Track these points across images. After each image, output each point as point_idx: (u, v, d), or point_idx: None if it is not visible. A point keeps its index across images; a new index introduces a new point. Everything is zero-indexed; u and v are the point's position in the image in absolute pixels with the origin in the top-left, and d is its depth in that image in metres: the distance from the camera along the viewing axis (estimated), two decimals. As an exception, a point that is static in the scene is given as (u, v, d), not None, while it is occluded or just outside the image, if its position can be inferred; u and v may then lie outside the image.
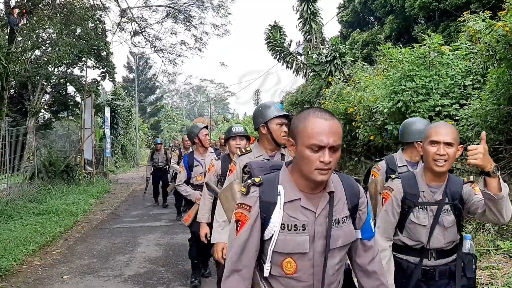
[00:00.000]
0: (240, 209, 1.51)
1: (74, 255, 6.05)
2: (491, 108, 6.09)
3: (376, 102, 8.89)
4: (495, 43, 5.30)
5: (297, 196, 1.49)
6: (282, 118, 2.85)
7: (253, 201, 1.49)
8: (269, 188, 1.51)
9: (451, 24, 16.68)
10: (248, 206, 1.49)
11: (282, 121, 2.84)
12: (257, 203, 1.49)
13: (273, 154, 2.92)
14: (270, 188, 1.51)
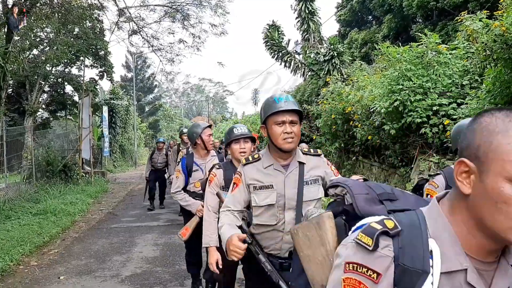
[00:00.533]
0: (357, 275, 0.88)
1: (71, 255, 6.04)
2: (489, 108, 6.09)
3: (373, 101, 8.90)
4: (492, 43, 5.31)
5: (463, 266, 0.88)
6: (285, 114, 2.18)
7: (385, 265, 0.87)
8: (413, 242, 0.88)
9: (449, 23, 16.71)
10: (375, 273, 0.86)
11: (284, 118, 2.18)
12: (390, 269, 0.87)
13: (287, 163, 2.28)
14: (414, 243, 0.88)
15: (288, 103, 2.21)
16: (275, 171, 2.25)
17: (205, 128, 4.20)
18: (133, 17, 16.17)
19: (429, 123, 7.65)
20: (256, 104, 58.31)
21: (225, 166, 3.22)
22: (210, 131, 4.23)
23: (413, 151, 8.49)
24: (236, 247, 2.04)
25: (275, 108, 2.20)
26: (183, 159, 4.32)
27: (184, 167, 4.21)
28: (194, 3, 15.68)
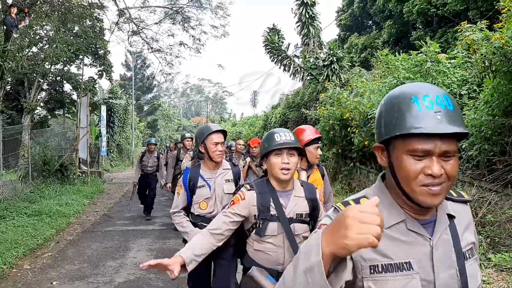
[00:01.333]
0: None
1: (65, 259, 6.00)
2: (486, 119, 6.10)
3: (371, 108, 8.91)
4: (491, 55, 5.30)
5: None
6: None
7: None
8: None
9: (449, 30, 16.71)
10: None
11: None
12: None
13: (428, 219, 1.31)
14: None
15: None
16: (411, 235, 1.13)
17: (212, 133, 3.27)
18: (133, 18, 16.13)
19: (427, 132, 7.65)
20: (255, 106, 58.28)
21: (259, 187, 2.39)
22: (219, 137, 3.27)
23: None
24: None
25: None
26: (186, 171, 3.40)
27: (187, 181, 3.30)
28: (194, 5, 15.68)
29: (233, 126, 33.18)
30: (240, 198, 2.34)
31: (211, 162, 3.33)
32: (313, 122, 13.04)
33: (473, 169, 6.73)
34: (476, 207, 6.02)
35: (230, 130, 31.66)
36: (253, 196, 2.33)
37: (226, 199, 3.25)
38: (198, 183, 3.30)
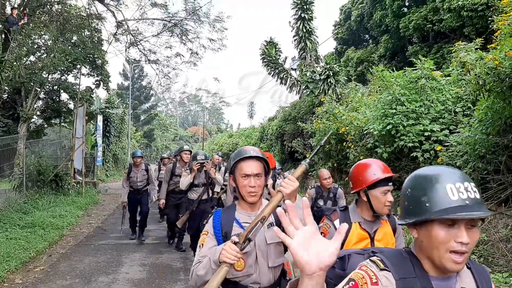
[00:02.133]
0: None
1: (57, 273, 5.95)
2: (480, 138, 6.14)
3: (367, 123, 8.95)
4: (485, 75, 5.35)
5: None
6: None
7: None
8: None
9: (445, 46, 16.88)
10: None
11: None
12: None
13: None
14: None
15: None
16: None
17: (242, 160, 2.23)
18: (131, 30, 16.21)
19: (421, 148, 7.70)
20: (252, 117, 58.36)
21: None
22: (252, 167, 2.21)
23: (405, 175, 8.49)
24: None
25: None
26: (216, 214, 2.28)
27: (219, 228, 2.20)
28: (192, 18, 15.78)
29: (230, 137, 33.18)
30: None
31: (245, 203, 2.28)
32: (309, 135, 13.08)
33: (467, 187, 6.74)
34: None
35: (227, 141, 31.67)
36: None
37: (272, 252, 2.20)
38: (233, 229, 2.19)
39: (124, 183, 8.17)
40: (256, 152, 2.26)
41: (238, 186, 2.25)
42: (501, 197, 5.80)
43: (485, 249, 5.42)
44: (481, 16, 14.51)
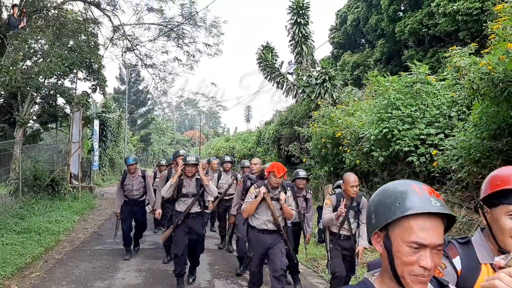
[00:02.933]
0: None
1: (53, 279, 5.93)
2: (475, 142, 6.18)
3: (363, 128, 8.99)
4: (479, 80, 5.40)
5: None
6: None
7: None
8: None
9: (440, 50, 16.98)
10: None
11: None
12: None
13: None
14: None
15: None
16: None
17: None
18: (128, 35, 16.23)
19: (417, 152, 7.74)
20: (249, 121, 58.38)
21: None
22: None
23: (401, 179, 8.52)
24: None
25: None
26: None
27: None
28: (189, 23, 15.81)
29: (227, 141, 33.20)
30: None
31: None
32: (306, 139, 13.11)
33: (463, 191, 6.79)
34: (465, 229, 6.07)
35: (224, 145, 31.68)
36: None
37: None
38: None
39: (118, 192, 7.20)
40: None
41: None
42: (496, 201, 5.82)
43: (480, 253, 5.44)
44: (475, 20, 14.61)
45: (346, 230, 4.64)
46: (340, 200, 4.48)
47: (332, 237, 4.69)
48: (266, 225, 4.57)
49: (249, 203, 4.54)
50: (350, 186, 4.48)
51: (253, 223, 4.64)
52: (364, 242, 4.49)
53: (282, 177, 4.53)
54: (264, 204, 4.53)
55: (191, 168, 5.43)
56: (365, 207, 4.48)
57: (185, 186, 5.51)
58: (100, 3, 15.04)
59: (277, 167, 4.51)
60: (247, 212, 4.57)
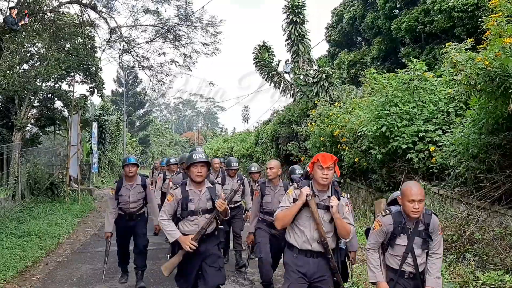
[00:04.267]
0: None
1: (54, 282, 5.94)
2: (473, 137, 6.21)
3: (361, 125, 9.00)
4: (476, 76, 5.41)
5: None
6: None
7: None
8: None
9: (437, 47, 17.01)
10: None
11: None
12: None
13: None
14: None
15: None
16: None
17: None
18: (124, 37, 16.23)
19: (415, 149, 7.76)
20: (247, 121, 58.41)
21: None
22: None
23: (399, 176, 8.56)
24: None
25: None
26: None
27: None
28: (185, 24, 15.82)
29: (225, 142, 33.21)
30: None
31: None
32: (304, 138, 13.12)
33: (461, 186, 6.81)
34: (464, 224, 6.09)
35: (222, 145, 31.69)
36: None
37: None
38: None
39: (110, 204, 5.65)
40: None
41: None
42: (495, 195, 5.86)
43: (480, 248, 5.47)
44: (471, 17, 14.65)
45: (411, 265, 3.18)
46: (400, 223, 3.16)
47: (393, 275, 3.23)
48: (309, 243, 3.28)
49: (285, 209, 3.29)
50: (410, 201, 3.06)
51: (292, 240, 3.38)
52: (434, 282, 3.15)
53: (332, 168, 3.22)
54: (306, 213, 3.27)
55: (200, 169, 3.86)
56: (437, 231, 3.19)
57: (193, 200, 3.91)
58: (96, 6, 15.01)
59: (322, 154, 3.25)
60: (281, 222, 3.30)
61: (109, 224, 5.60)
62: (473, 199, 6.24)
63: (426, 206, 3.19)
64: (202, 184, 3.96)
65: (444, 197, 7.08)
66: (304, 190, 3.20)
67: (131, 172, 5.60)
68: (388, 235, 3.20)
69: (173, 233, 3.84)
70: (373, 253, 3.27)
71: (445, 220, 6.34)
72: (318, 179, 3.21)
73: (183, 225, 3.93)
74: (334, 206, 3.16)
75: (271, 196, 5.12)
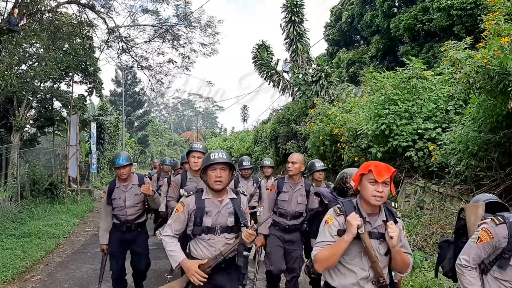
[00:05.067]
0: None
1: (54, 282, 5.93)
2: (472, 135, 6.22)
3: (360, 124, 9.02)
4: (475, 74, 5.42)
5: None
6: None
7: None
8: None
9: (435, 45, 17.02)
10: None
11: None
12: None
13: None
14: None
15: None
16: None
17: None
18: (123, 37, 16.21)
19: (415, 147, 7.77)
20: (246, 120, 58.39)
21: None
22: None
23: (399, 174, 8.57)
24: None
25: None
26: None
27: None
28: (183, 24, 15.80)
29: (224, 141, 33.20)
30: None
31: None
32: (303, 137, 13.12)
33: (461, 184, 6.82)
34: (465, 222, 6.09)
35: (221, 145, 31.67)
36: None
37: None
38: None
39: (104, 211, 4.73)
40: None
41: None
42: (495, 193, 5.86)
43: (480, 246, 5.47)
44: (470, 15, 14.67)
45: None
46: None
47: None
48: (360, 286, 2.40)
49: (328, 247, 2.38)
50: None
51: (335, 282, 2.47)
52: None
53: (388, 184, 2.36)
54: (356, 247, 2.40)
55: (219, 172, 2.92)
56: None
57: (210, 213, 2.95)
58: (94, 6, 14.99)
59: (376, 164, 2.38)
60: (324, 264, 2.40)
61: (103, 234, 4.68)
62: (473, 197, 6.24)
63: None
64: (223, 193, 3.01)
65: (444, 195, 7.09)
66: (353, 219, 2.31)
67: (124, 174, 4.56)
68: (498, 251, 2.43)
69: (176, 255, 2.86)
70: (472, 272, 2.51)
71: (445, 218, 6.35)
72: (368, 197, 2.34)
73: (194, 247, 2.97)
74: (395, 237, 2.29)
75: (289, 195, 4.46)
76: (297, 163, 4.44)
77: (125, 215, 4.61)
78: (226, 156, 2.97)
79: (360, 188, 2.41)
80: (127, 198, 4.59)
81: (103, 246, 4.71)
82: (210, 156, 2.97)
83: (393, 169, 2.35)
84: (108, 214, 4.64)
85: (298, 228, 4.49)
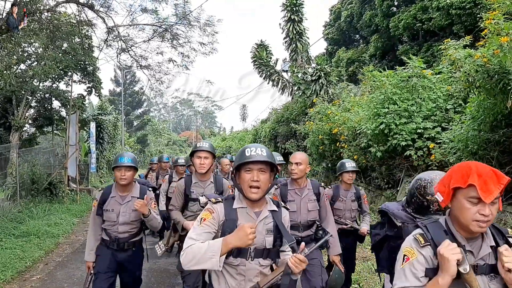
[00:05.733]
0: None
1: (54, 281, 5.93)
2: (472, 134, 6.22)
3: (360, 123, 9.02)
4: (474, 73, 5.42)
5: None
6: None
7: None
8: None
9: (435, 44, 17.04)
10: None
11: None
12: None
13: None
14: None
15: None
16: None
17: None
18: (122, 36, 16.19)
19: (414, 146, 7.77)
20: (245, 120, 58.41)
21: None
22: None
23: (399, 173, 8.58)
24: None
25: None
26: None
27: None
28: (182, 23, 15.78)
29: (223, 141, 33.19)
30: None
31: None
32: (303, 136, 13.12)
33: (461, 183, 6.81)
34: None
35: (220, 144, 31.67)
36: None
37: None
38: None
39: (92, 222, 3.91)
40: None
41: None
42: (494, 192, 5.86)
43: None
44: (469, 14, 14.68)
45: None
46: None
47: None
48: None
49: None
50: None
51: None
52: None
53: (497, 201, 1.61)
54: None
55: (256, 174, 2.15)
56: None
57: None
58: (93, 5, 14.95)
59: (480, 174, 1.59)
60: None
61: (90, 249, 3.90)
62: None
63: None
64: (261, 203, 2.25)
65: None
66: (449, 251, 1.57)
67: (124, 178, 3.70)
68: None
69: (214, 244, 2.00)
70: None
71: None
72: (468, 223, 1.60)
73: (218, 274, 2.21)
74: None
75: (297, 204, 3.76)
76: (302, 164, 3.78)
77: (116, 232, 3.76)
78: (266, 153, 2.18)
79: (453, 207, 1.67)
80: (121, 213, 3.74)
81: (88, 263, 3.91)
82: (245, 152, 2.19)
83: (506, 178, 1.58)
84: (98, 227, 3.84)
85: (313, 238, 3.81)
